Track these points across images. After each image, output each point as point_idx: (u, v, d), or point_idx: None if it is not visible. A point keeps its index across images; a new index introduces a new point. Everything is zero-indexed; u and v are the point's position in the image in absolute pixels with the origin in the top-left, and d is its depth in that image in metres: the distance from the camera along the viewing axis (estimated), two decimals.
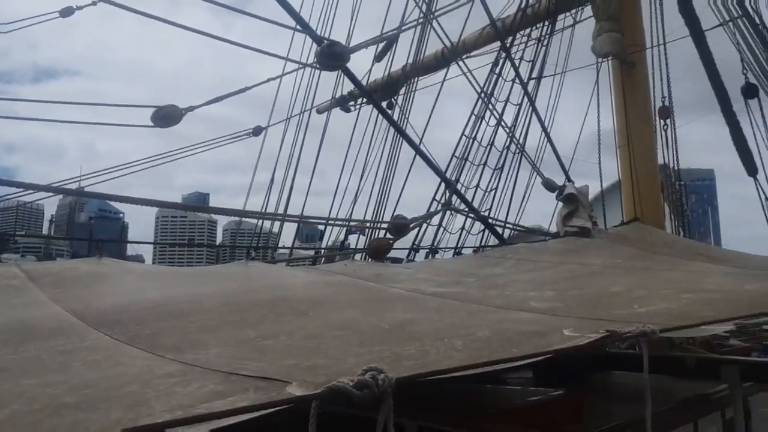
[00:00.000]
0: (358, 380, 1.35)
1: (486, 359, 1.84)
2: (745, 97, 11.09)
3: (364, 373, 1.38)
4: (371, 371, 1.38)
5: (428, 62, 10.43)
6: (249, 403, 1.40)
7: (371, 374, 1.37)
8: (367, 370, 1.39)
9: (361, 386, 1.34)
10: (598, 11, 8.28)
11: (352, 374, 1.42)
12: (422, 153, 5.64)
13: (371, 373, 1.37)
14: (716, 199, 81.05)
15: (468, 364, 1.68)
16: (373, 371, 1.38)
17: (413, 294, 3.98)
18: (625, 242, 6.55)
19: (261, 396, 1.49)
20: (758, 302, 3.33)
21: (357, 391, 1.32)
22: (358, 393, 1.32)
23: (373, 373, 1.37)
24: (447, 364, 1.87)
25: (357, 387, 1.33)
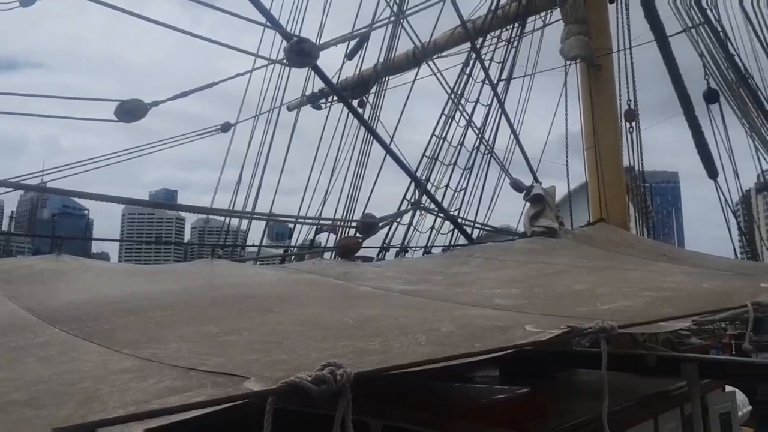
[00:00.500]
0: (315, 375, 1.33)
1: (448, 354, 1.83)
2: (707, 102, 11.39)
3: (323, 369, 1.36)
4: (330, 366, 1.36)
5: (399, 61, 10.45)
6: (205, 398, 1.37)
7: (329, 369, 1.35)
8: (325, 365, 1.37)
9: (319, 381, 1.32)
10: (566, 14, 8.39)
11: (312, 370, 1.40)
12: (392, 152, 5.64)
13: (329, 369, 1.35)
14: (680, 200, 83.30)
15: (429, 358, 1.67)
16: (331, 366, 1.36)
17: (381, 292, 3.97)
18: (590, 242, 6.66)
19: (217, 391, 1.46)
20: (714, 300, 3.41)
21: (315, 387, 1.30)
22: (315, 388, 1.30)
23: (331, 368, 1.35)
24: (409, 358, 1.86)
25: (314, 382, 1.31)
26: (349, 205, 9.36)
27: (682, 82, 10.98)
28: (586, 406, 4.54)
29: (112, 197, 4.47)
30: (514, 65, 9.30)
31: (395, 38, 8.89)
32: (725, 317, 2.67)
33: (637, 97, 10.89)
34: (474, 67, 8.94)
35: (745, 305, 2.57)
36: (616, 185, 8.48)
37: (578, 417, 4.03)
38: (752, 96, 6.71)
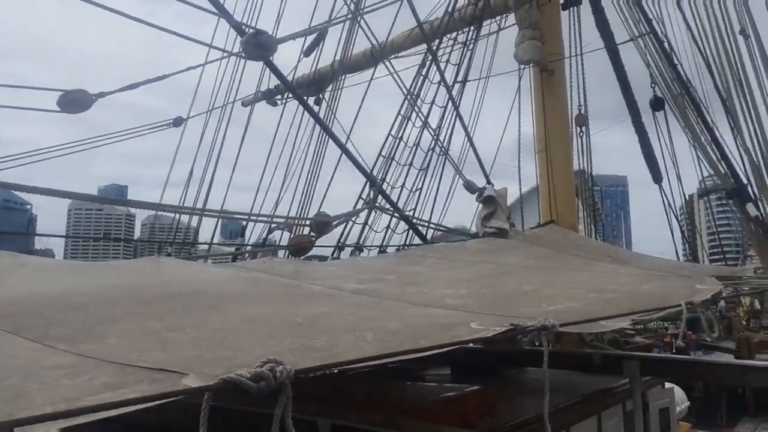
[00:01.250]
0: (254, 372, 1.30)
1: (393, 350, 1.84)
2: (653, 109, 11.83)
3: (262, 365, 1.33)
4: (269, 363, 1.34)
5: (356, 60, 10.43)
6: (139, 394, 1.33)
7: (269, 366, 1.33)
8: (265, 362, 1.35)
9: (257, 378, 1.29)
10: (520, 19, 8.57)
11: (253, 366, 1.38)
12: (348, 151, 5.62)
13: (269, 365, 1.33)
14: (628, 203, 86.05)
15: (373, 354, 1.67)
16: (271, 363, 1.34)
17: (332, 291, 3.95)
18: (539, 243, 6.80)
19: (153, 388, 1.42)
20: (652, 300, 3.54)
21: (253, 384, 1.28)
22: (254, 385, 1.28)
23: (271, 365, 1.33)
24: (354, 355, 1.85)
25: (253, 379, 1.29)
26: (303, 203, 9.30)
27: (630, 90, 11.37)
28: (533, 404, 4.64)
29: (58, 191, 4.28)
30: (469, 68, 9.42)
31: (352, 36, 8.89)
32: (661, 316, 2.77)
33: (587, 103, 11.21)
34: (430, 68, 9.02)
35: (678, 305, 2.67)
36: (566, 188, 8.70)
37: (525, 414, 4.11)
38: (693, 105, 6.99)
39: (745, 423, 12.62)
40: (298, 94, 6.91)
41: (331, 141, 8.88)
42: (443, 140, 8.02)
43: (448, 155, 7.72)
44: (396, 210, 6.44)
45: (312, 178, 9.20)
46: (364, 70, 10.63)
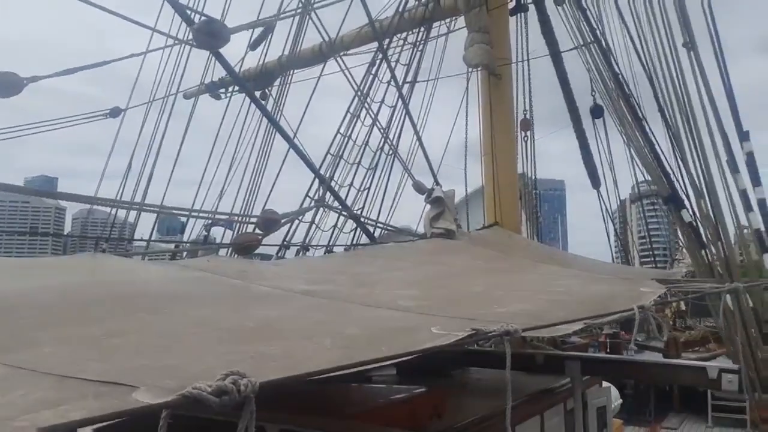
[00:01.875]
0: (216, 386, 1.20)
1: (357, 358, 1.77)
2: (593, 116, 12.25)
3: (224, 378, 1.24)
4: (232, 375, 1.24)
5: (305, 55, 10.27)
6: (85, 413, 1.20)
7: (232, 379, 1.23)
8: (227, 374, 1.25)
9: (220, 393, 1.20)
10: (470, 22, 8.64)
11: (210, 377, 1.27)
12: (296, 147, 5.49)
13: (232, 378, 1.24)
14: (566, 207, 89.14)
15: (338, 365, 1.59)
16: (234, 376, 1.24)
17: (281, 292, 3.83)
18: (485, 245, 6.88)
19: (101, 404, 1.29)
20: (602, 303, 3.62)
21: (215, 398, 1.18)
22: (216, 400, 1.18)
23: (234, 378, 1.24)
24: (315, 364, 1.77)
25: (215, 393, 1.19)
26: (247, 200, 9.06)
27: (572, 96, 11.72)
28: (480, 404, 4.67)
29: None
30: (418, 68, 9.44)
31: (302, 31, 8.72)
32: (614, 319, 2.83)
33: (532, 108, 11.46)
34: (380, 67, 8.98)
35: (631, 308, 2.73)
36: (511, 191, 8.86)
37: (472, 415, 4.13)
38: (633, 114, 7.24)
39: (671, 419, 13.30)
40: (247, 87, 6.69)
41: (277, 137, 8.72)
42: (392, 140, 7.99)
43: (397, 154, 7.69)
44: (344, 208, 6.35)
45: (257, 174, 8.98)
46: (312, 66, 10.46)
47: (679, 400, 13.72)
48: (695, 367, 5.26)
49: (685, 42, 5.68)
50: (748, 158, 5.45)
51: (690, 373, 5.16)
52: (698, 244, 5.59)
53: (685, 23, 5.85)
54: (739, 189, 5.32)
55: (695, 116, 5.42)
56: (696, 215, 5.57)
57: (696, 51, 5.57)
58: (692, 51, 5.60)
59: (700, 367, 5.11)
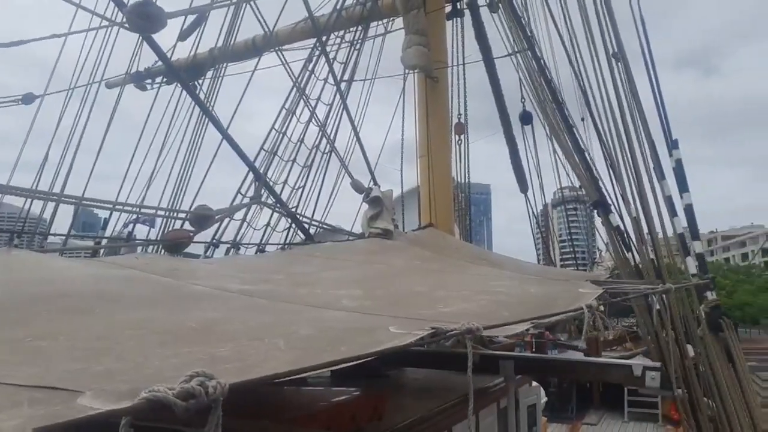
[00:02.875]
0: (182, 389, 1.08)
1: (320, 359, 1.67)
2: (522, 122, 12.65)
3: (190, 380, 1.11)
4: (199, 377, 1.12)
5: (238, 49, 9.96)
6: (20, 420, 1.05)
7: (199, 381, 1.11)
8: (192, 375, 1.13)
9: (187, 396, 1.07)
10: (408, 24, 8.66)
11: (160, 379, 1.14)
12: (231, 139, 5.28)
13: (199, 380, 1.11)
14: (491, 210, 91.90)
15: (305, 366, 1.49)
16: (201, 377, 1.12)
17: (217, 292, 3.64)
18: (421, 245, 6.90)
19: (42, 412, 1.13)
20: (544, 304, 3.68)
21: (181, 402, 1.05)
22: (182, 404, 1.05)
23: (201, 380, 1.11)
24: (273, 366, 1.66)
25: (181, 397, 1.06)
26: (175, 196, 8.66)
27: (504, 102, 12.04)
28: (418, 405, 4.65)
29: None
30: (356, 67, 9.38)
31: (237, 22, 8.43)
32: (561, 319, 2.87)
33: (467, 112, 11.66)
34: (317, 64, 8.85)
35: (580, 308, 2.78)
36: (445, 193, 8.95)
37: (411, 415, 4.10)
38: (563, 120, 7.50)
39: (591, 415, 13.96)
40: (181, 77, 6.38)
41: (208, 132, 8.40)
42: (330, 137, 7.87)
43: (335, 149, 7.58)
44: (282, 205, 6.18)
45: (186, 169, 8.59)
46: (245, 60, 10.16)
47: (598, 397, 14.43)
48: (621, 365, 5.48)
49: (615, 53, 5.93)
50: (676, 165, 5.76)
51: (616, 371, 5.37)
52: (625, 247, 5.83)
53: (616, 35, 6.11)
54: (664, 195, 5.60)
55: (626, 124, 5.66)
56: (624, 219, 5.82)
57: (626, 62, 5.83)
58: (623, 62, 5.85)
59: (625, 365, 5.33)
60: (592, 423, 13.31)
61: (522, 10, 9.98)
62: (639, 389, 5.27)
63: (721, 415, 5.04)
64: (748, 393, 5.50)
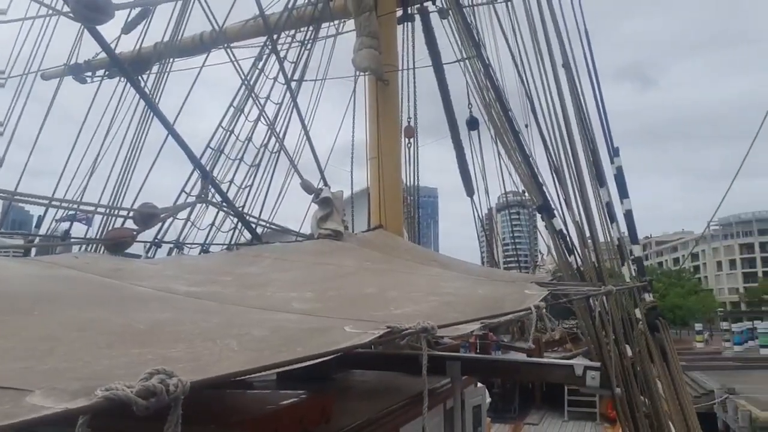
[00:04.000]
0: (142, 386, 1.05)
1: (275, 359, 1.65)
2: (469, 128, 12.89)
3: (150, 377, 1.08)
4: (159, 375, 1.09)
5: (186, 44, 9.72)
6: None
7: (159, 378, 1.08)
8: (152, 372, 1.10)
9: (147, 394, 1.04)
10: (359, 26, 8.66)
11: (112, 378, 1.10)
12: (178, 135, 5.15)
13: (159, 377, 1.08)
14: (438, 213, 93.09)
15: (262, 365, 1.48)
16: (161, 375, 1.09)
17: (163, 293, 3.54)
18: (371, 246, 6.91)
19: None
20: (492, 304, 3.76)
21: (142, 400, 1.02)
22: (142, 402, 1.02)
23: (161, 377, 1.08)
24: (228, 366, 1.63)
25: (141, 395, 1.03)
26: (116, 193, 8.35)
27: (452, 107, 12.23)
28: (366, 406, 4.65)
29: None
30: (306, 67, 9.32)
31: (184, 17, 8.21)
32: (510, 319, 2.94)
33: (417, 116, 11.78)
34: (267, 62, 8.75)
35: (529, 308, 2.86)
36: (395, 195, 9.00)
37: (359, 418, 4.10)
38: (510, 126, 7.69)
39: (533, 415, 14.32)
40: (127, 70, 6.16)
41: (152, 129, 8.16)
42: (279, 137, 7.79)
43: (284, 148, 7.50)
44: (229, 205, 6.06)
45: (128, 166, 8.30)
46: (193, 56, 9.93)
47: (540, 397, 14.83)
48: (563, 366, 5.66)
49: (564, 62, 6.13)
50: (617, 173, 6.00)
51: (558, 371, 5.54)
52: (568, 251, 6.03)
53: (561, 45, 6.32)
54: (603, 201, 5.83)
55: (571, 131, 5.86)
56: (567, 224, 6.01)
57: (571, 71, 6.04)
58: (568, 71, 6.06)
59: (567, 366, 5.50)
60: (534, 423, 13.67)
61: (471, 17, 10.18)
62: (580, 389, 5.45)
63: (657, 412, 5.28)
64: (681, 391, 5.78)
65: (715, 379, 36.90)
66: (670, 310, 75.13)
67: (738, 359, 56.08)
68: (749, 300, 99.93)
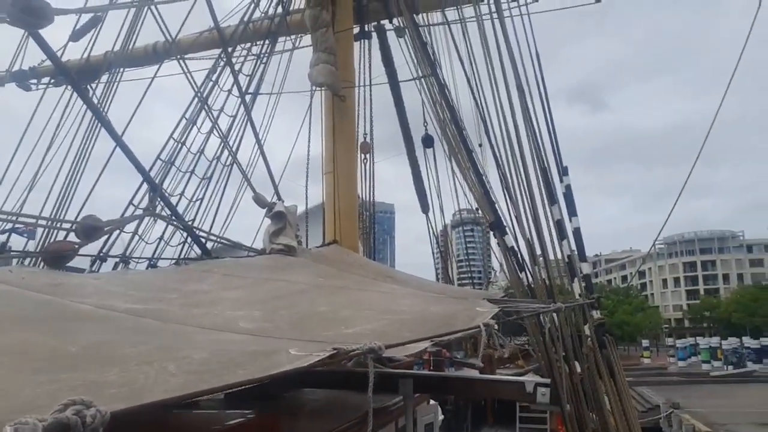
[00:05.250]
0: (54, 419, 0.97)
1: (212, 383, 1.58)
2: (424, 145, 13.00)
3: (64, 408, 1.00)
4: (75, 405, 1.01)
5: (138, 54, 9.49)
6: None
7: (75, 409, 1.00)
8: (68, 403, 1.02)
9: (60, 428, 0.96)
10: (316, 42, 8.64)
11: (31, 409, 1.03)
12: (125, 146, 4.99)
13: (75, 408, 1.00)
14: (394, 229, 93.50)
15: (197, 390, 1.40)
16: (77, 405, 1.01)
17: (104, 311, 3.39)
18: (325, 262, 6.83)
19: None
20: (445, 322, 3.75)
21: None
22: None
23: (77, 408, 1.00)
24: (163, 390, 1.55)
25: (53, 429, 0.96)
26: (60, 205, 8.02)
27: (407, 124, 12.32)
28: (315, 426, 4.57)
29: None
30: (262, 81, 9.23)
31: (136, 26, 8.01)
32: (459, 337, 2.93)
33: (373, 132, 11.81)
34: (221, 74, 8.62)
35: (478, 326, 2.85)
36: (350, 211, 8.96)
37: None
38: (464, 145, 7.78)
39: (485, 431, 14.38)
40: (72, 77, 5.94)
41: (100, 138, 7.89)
42: (232, 149, 7.65)
43: (237, 161, 7.36)
44: (178, 218, 5.89)
45: (73, 177, 7.99)
46: (145, 66, 9.71)
47: (492, 414, 14.89)
48: (514, 382, 5.69)
49: (517, 84, 6.25)
50: (566, 191, 6.14)
51: (510, 387, 5.57)
52: (519, 268, 6.10)
53: (514, 67, 6.45)
54: (554, 219, 5.94)
55: (522, 151, 5.97)
56: (518, 241, 6.09)
57: (524, 93, 6.17)
58: (521, 92, 6.19)
59: (518, 382, 5.54)
60: None
61: (427, 36, 10.30)
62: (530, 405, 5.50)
63: (605, 427, 5.36)
64: (628, 406, 5.90)
65: (661, 394, 38.05)
66: (619, 326, 77.35)
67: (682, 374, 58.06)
68: (692, 316, 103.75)
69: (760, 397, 37.42)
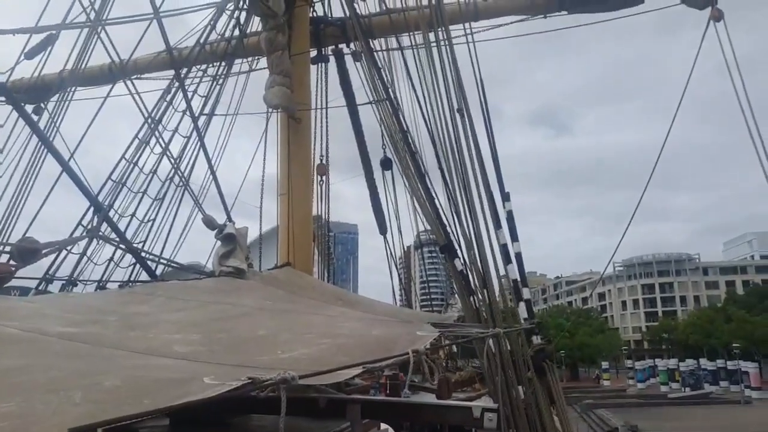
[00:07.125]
0: None
1: (112, 414, 1.56)
2: (383, 168, 13.12)
3: None
4: None
5: (92, 73, 9.37)
6: None
7: None
8: None
9: None
10: (272, 64, 8.68)
11: None
12: (70, 169, 4.90)
13: None
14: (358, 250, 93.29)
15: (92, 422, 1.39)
16: None
17: (31, 335, 3.31)
18: (276, 284, 6.78)
19: None
20: (381, 347, 3.76)
21: None
22: None
23: None
24: (59, 421, 1.53)
25: None
26: (4, 226, 7.80)
27: (365, 147, 12.42)
28: None
29: None
30: (217, 102, 9.21)
31: (89, 46, 7.93)
32: (390, 364, 2.94)
33: (329, 154, 11.86)
34: (176, 95, 8.57)
35: (406, 353, 2.87)
36: (305, 232, 8.95)
37: None
38: (417, 169, 7.87)
39: None
40: (14, 98, 5.83)
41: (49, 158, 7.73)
42: (184, 171, 7.58)
43: (187, 185, 7.30)
44: (122, 240, 5.79)
45: (19, 198, 7.79)
46: (100, 85, 9.59)
47: None
48: (462, 407, 5.68)
49: (459, 108, 6.40)
50: (508, 216, 6.27)
51: (458, 413, 5.55)
52: (468, 291, 6.17)
53: (460, 91, 6.60)
54: (500, 243, 6.04)
55: (468, 176, 6.08)
56: (466, 264, 6.16)
57: (469, 117, 6.32)
58: (465, 117, 6.34)
59: (466, 407, 5.54)
60: None
61: (384, 61, 10.45)
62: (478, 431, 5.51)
63: None
64: None
65: (619, 416, 38.60)
66: (579, 348, 78.17)
67: (641, 396, 59.05)
68: (651, 338, 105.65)
69: (716, 419, 38.35)
